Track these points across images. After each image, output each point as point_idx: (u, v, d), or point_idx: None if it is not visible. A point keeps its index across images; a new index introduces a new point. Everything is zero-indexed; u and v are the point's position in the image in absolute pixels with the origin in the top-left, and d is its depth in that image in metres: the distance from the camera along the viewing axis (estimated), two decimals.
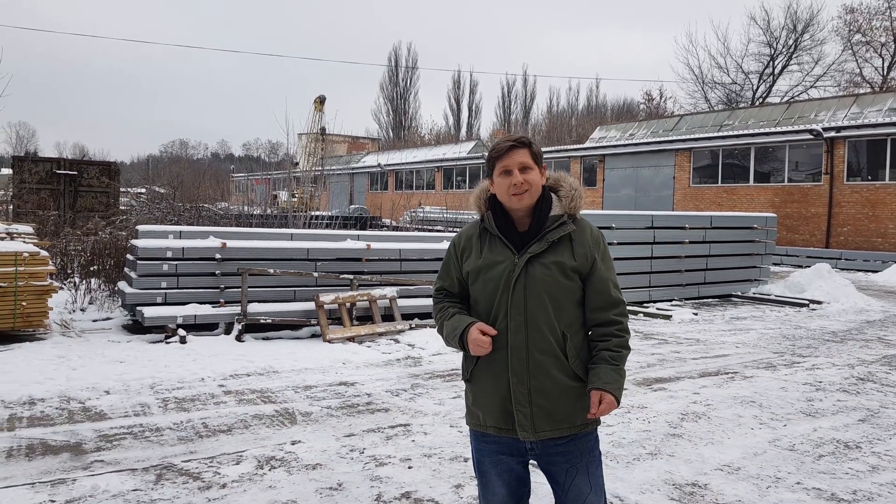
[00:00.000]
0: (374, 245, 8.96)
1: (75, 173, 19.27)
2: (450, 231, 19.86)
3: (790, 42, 41.32)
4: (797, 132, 22.06)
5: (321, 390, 5.84)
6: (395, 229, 23.27)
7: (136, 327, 7.78)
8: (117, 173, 20.88)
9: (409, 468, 4.11)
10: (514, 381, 2.26)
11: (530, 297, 2.25)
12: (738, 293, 12.99)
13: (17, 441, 4.38)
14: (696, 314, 10.68)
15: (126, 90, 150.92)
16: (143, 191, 26.06)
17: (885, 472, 4.22)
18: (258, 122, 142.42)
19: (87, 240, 10.45)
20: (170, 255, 7.75)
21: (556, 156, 30.92)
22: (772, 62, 42.29)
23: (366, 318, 8.35)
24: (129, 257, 8.29)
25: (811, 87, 40.90)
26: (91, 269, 9.84)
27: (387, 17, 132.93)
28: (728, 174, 24.61)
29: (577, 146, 32.89)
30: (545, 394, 2.26)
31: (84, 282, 9.44)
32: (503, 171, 2.30)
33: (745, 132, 23.85)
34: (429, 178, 41.58)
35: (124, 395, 5.47)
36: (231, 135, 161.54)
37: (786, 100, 37.53)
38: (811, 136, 21.39)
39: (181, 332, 7.36)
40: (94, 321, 8.41)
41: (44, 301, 7.39)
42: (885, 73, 38.19)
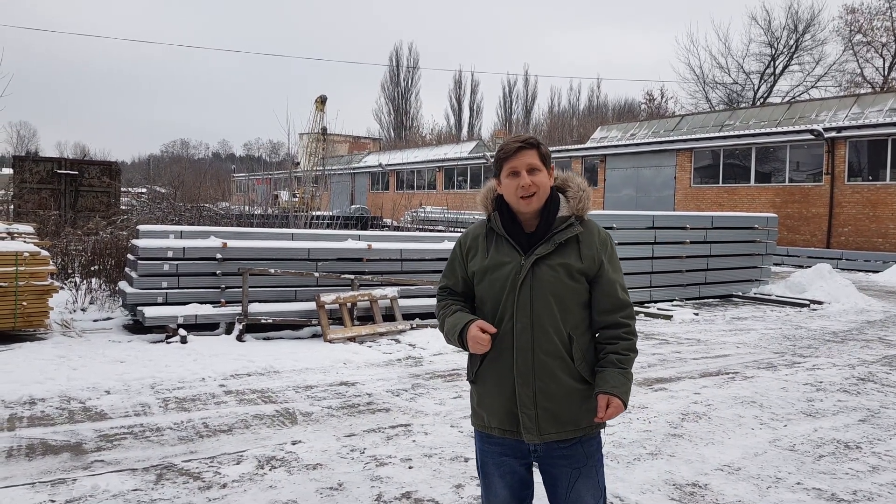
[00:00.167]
0: (376, 245, 8.96)
1: (76, 173, 19.28)
2: (451, 231, 19.87)
3: (791, 42, 41.36)
4: (798, 132, 22.05)
5: (322, 390, 5.84)
6: (397, 229, 23.26)
7: (137, 327, 7.79)
8: (118, 173, 20.89)
9: (410, 468, 4.11)
10: (520, 382, 2.24)
11: (536, 298, 2.23)
12: (739, 293, 12.98)
13: (18, 441, 4.38)
14: (696, 314, 10.68)
15: (126, 90, 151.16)
16: (143, 191, 26.07)
17: (885, 472, 4.22)
18: (259, 121, 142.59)
19: (87, 239, 10.46)
20: (171, 254, 7.75)
21: (558, 156, 30.87)
22: (773, 62, 42.31)
23: (367, 318, 8.36)
24: (130, 257, 8.30)
25: (812, 87, 40.94)
26: (92, 268, 9.84)
27: (387, 17, 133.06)
28: (729, 174, 24.60)
29: (579, 146, 32.89)
30: (550, 396, 2.24)
31: (85, 282, 9.44)
32: (511, 173, 2.27)
33: (746, 132, 23.84)
34: (430, 178, 41.59)
35: (125, 395, 5.47)
36: (232, 135, 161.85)
37: (787, 100, 37.52)
38: (812, 137, 21.39)
39: (182, 331, 7.36)
40: (94, 321, 8.42)
41: (44, 301, 7.40)
42: (885, 73, 38.18)
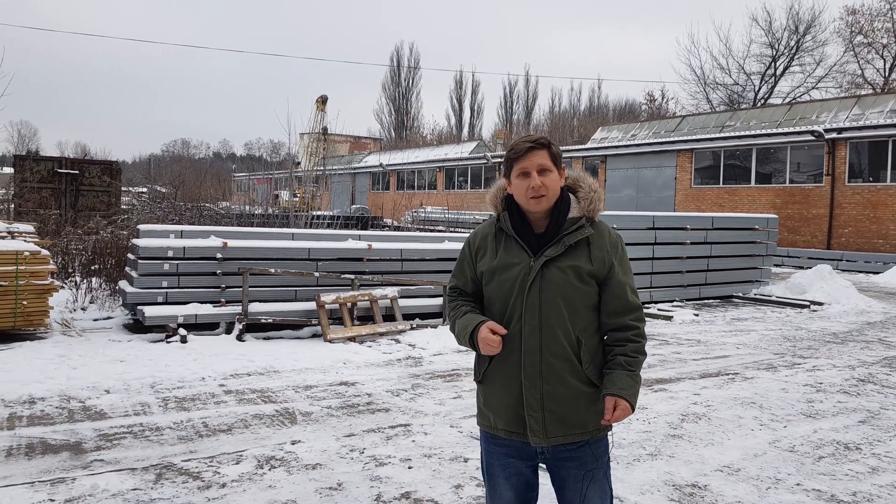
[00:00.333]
0: (376, 245, 8.96)
1: (77, 172, 19.27)
2: (451, 231, 19.89)
3: (792, 43, 41.34)
4: (799, 133, 22.05)
5: (322, 390, 5.84)
6: (397, 229, 23.28)
7: (137, 326, 7.79)
8: (119, 172, 20.88)
9: (409, 468, 4.11)
10: (527, 384, 2.22)
11: (545, 300, 2.21)
12: (740, 294, 12.98)
13: (17, 440, 4.38)
14: (697, 315, 10.68)
15: (126, 90, 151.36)
16: (144, 190, 26.12)
17: (885, 473, 4.21)
18: (260, 121, 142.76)
19: (88, 239, 10.46)
20: (171, 254, 7.75)
21: None
22: (774, 63, 42.30)
23: (367, 318, 8.36)
24: (131, 256, 8.30)
25: (813, 88, 40.93)
26: (92, 268, 9.85)
27: (388, 17, 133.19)
28: (729, 175, 24.60)
29: (579, 147, 32.87)
30: (558, 399, 2.22)
31: (85, 281, 9.45)
32: (521, 173, 2.23)
33: (747, 133, 23.83)
34: (430, 179, 41.59)
35: (124, 395, 5.47)
36: (233, 134, 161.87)
37: (787, 101, 37.53)
38: (813, 138, 21.38)
39: (182, 331, 7.36)
40: (94, 320, 8.42)
41: (44, 300, 7.40)
42: (886, 74, 38.19)
